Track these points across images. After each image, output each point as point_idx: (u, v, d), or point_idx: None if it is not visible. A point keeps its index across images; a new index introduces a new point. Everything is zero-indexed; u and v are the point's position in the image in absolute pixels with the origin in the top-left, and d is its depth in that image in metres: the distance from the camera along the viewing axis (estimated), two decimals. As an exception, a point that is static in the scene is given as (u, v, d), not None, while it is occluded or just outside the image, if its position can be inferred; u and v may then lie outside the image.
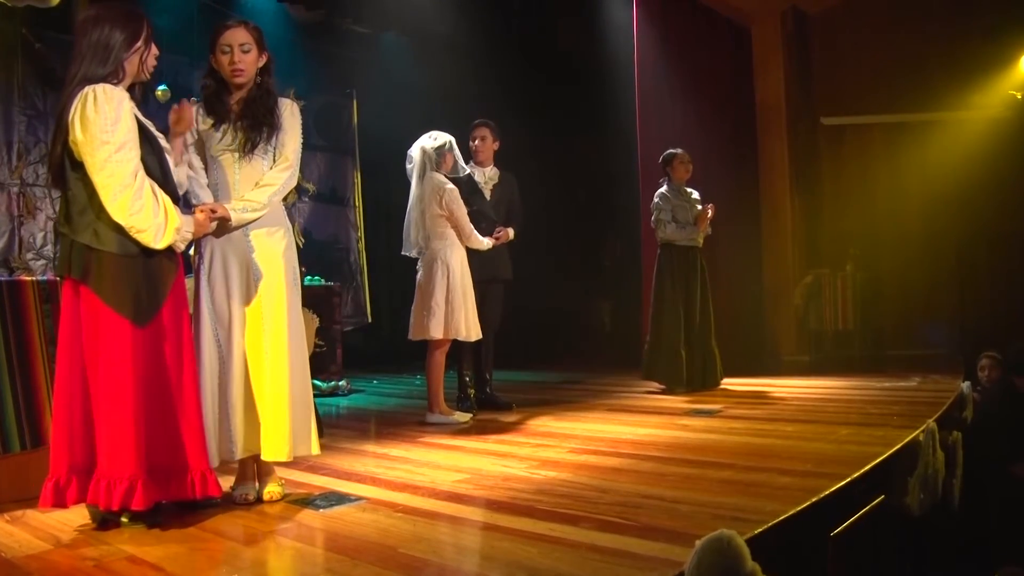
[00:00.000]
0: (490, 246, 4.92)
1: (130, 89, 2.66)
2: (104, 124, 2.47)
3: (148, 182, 2.55)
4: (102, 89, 2.51)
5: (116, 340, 2.50)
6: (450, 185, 4.70)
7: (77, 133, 2.48)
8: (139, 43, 2.65)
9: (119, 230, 2.51)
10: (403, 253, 4.89)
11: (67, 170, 2.56)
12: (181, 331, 2.68)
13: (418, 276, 4.80)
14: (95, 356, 2.51)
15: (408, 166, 4.83)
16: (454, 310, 4.65)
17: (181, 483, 2.63)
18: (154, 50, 2.73)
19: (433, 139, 4.76)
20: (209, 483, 2.67)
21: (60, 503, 2.53)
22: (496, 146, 5.31)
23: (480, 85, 7.83)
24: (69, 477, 2.54)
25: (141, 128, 2.60)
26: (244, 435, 2.87)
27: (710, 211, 5.80)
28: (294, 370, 2.91)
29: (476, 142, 5.25)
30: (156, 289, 2.60)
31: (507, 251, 5.29)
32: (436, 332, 4.64)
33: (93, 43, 2.58)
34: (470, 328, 4.71)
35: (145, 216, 2.51)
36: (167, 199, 2.60)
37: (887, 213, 8.33)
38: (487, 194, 5.24)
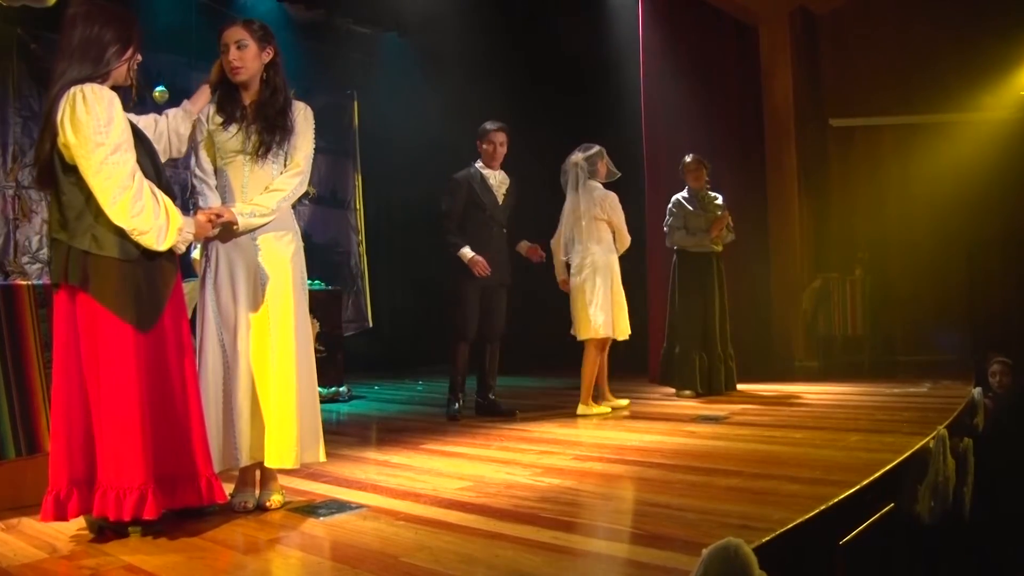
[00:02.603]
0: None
1: (118, 91, 2.62)
2: (97, 126, 2.41)
3: (147, 183, 2.50)
4: (91, 89, 2.45)
5: (119, 347, 2.45)
6: (611, 192, 5.11)
7: (68, 136, 2.42)
8: (130, 51, 2.61)
9: (119, 233, 2.45)
10: (561, 257, 5.25)
11: (58, 172, 2.49)
12: (181, 335, 2.64)
13: (576, 279, 5.10)
14: (95, 364, 2.45)
15: (563, 179, 5.23)
16: (620, 311, 5.05)
17: (188, 490, 2.59)
18: (138, 56, 2.67)
19: (584, 150, 5.19)
20: (215, 489, 2.63)
21: (61, 516, 2.48)
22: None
23: (483, 86, 7.80)
24: (70, 490, 2.49)
25: (132, 129, 2.55)
26: (249, 442, 2.82)
27: (725, 218, 5.73)
28: (301, 376, 2.87)
29: (498, 146, 5.17)
30: (157, 293, 2.55)
31: (509, 255, 5.30)
32: (607, 331, 5.00)
33: (83, 41, 2.51)
34: (626, 327, 5.10)
35: (146, 218, 2.46)
36: (167, 199, 2.56)
37: (897, 216, 8.29)
38: (499, 199, 5.20)
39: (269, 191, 2.88)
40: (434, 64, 8.38)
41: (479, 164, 5.20)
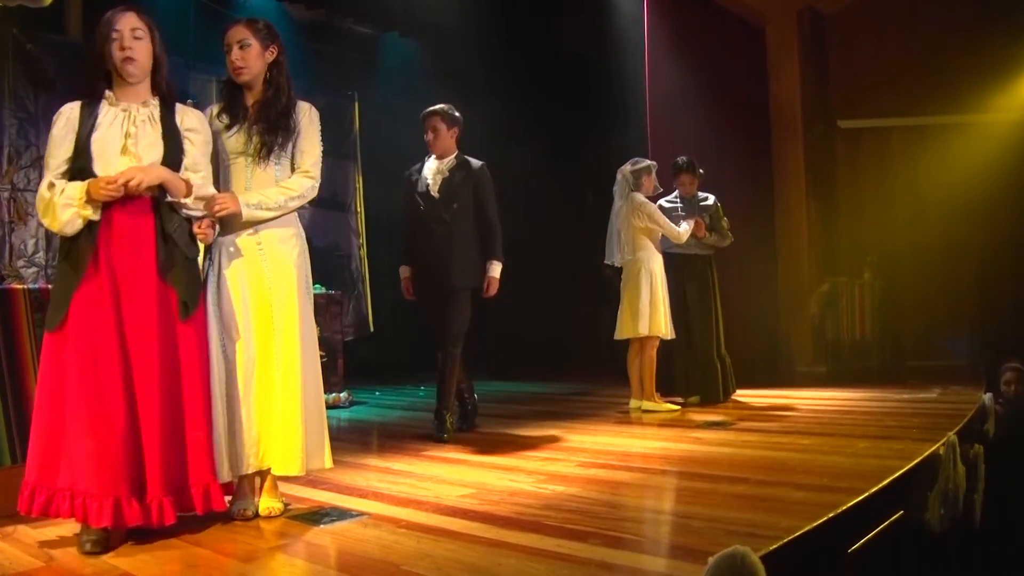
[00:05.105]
0: (688, 232, 5.52)
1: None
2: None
3: (50, 183, 2.52)
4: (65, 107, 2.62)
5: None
6: (648, 201, 5.40)
7: None
8: (102, 53, 2.62)
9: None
10: (606, 262, 5.53)
11: None
12: (97, 340, 2.47)
13: (625, 283, 5.38)
14: None
15: (615, 187, 5.51)
16: (657, 311, 5.28)
17: (95, 508, 2.43)
18: (123, 41, 2.60)
19: (634, 163, 5.46)
20: (94, 512, 2.41)
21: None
22: (455, 132, 4.69)
23: (485, 86, 7.76)
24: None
25: (93, 118, 2.59)
26: (250, 449, 2.77)
27: (701, 225, 5.62)
28: (307, 381, 2.84)
29: (428, 136, 4.68)
30: (59, 294, 2.52)
31: (476, 257, 4.64)
32: (643, 330, 5.26)
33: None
34: (668, 327, 5.36)
35: (46, 216, 2.52)
36: (61, 187, 2.51)
37: (906, 219, 8.26)
38: (435, 190, 4.59)
39: (279, 186, 2.85)
40: (436, 64, 8.34)
41: (428, 156, 4.78)
